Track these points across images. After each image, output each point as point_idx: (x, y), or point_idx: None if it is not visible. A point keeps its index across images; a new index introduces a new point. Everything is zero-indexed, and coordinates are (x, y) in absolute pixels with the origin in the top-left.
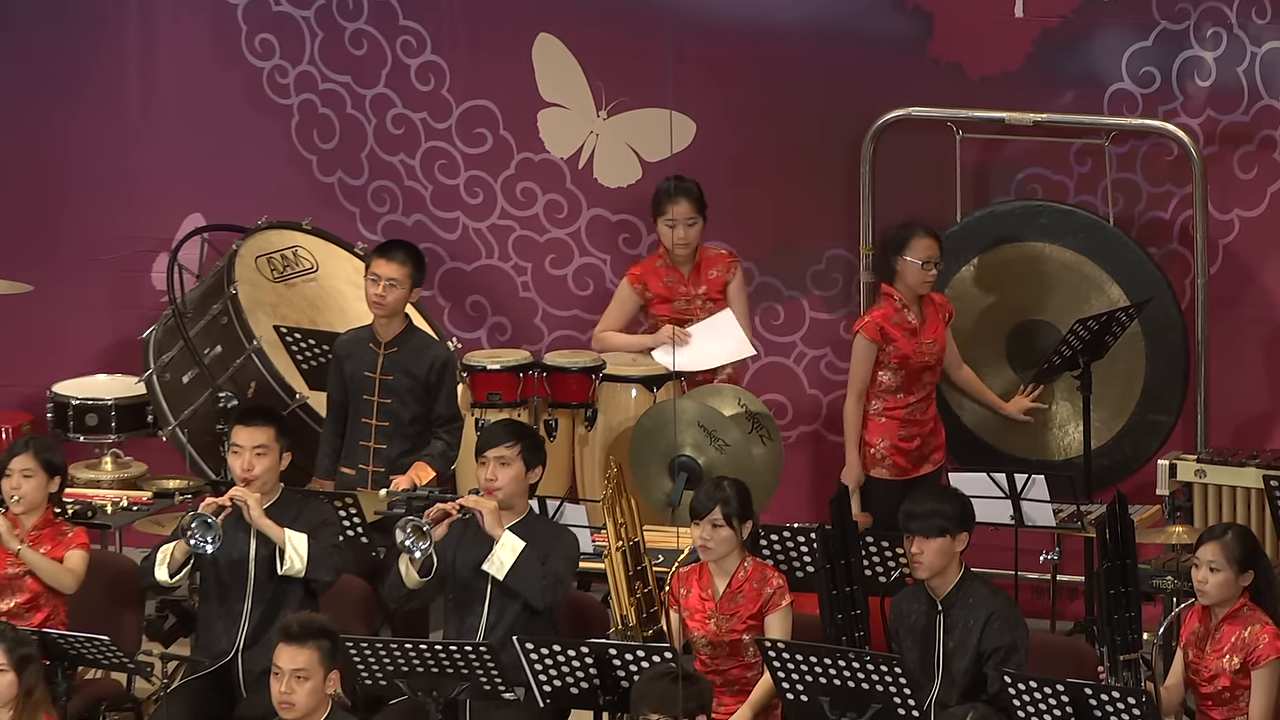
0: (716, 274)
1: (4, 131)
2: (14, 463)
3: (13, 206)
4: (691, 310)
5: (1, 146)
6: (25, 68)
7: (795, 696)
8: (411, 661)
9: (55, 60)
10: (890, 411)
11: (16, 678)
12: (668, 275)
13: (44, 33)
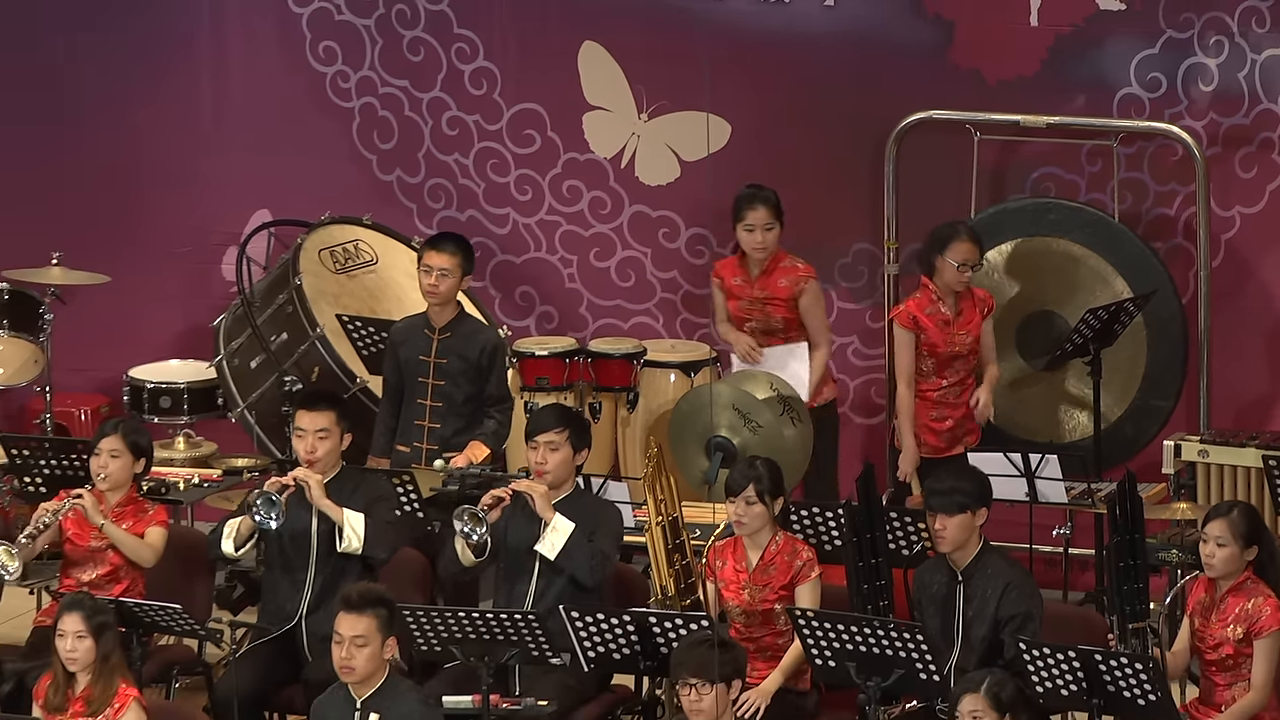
0: (785, 284)
1: (84, 133)
2: (103, 443)
3: (92, 203)
4: (751, 312)
5: (81, 147)
6: (105, 73)
7: (824, 662)
8: (464, 629)
9: (132, 66)
10: (923, 394)
11: (95, 644)
12: (739, 275)
13: (122, 41)
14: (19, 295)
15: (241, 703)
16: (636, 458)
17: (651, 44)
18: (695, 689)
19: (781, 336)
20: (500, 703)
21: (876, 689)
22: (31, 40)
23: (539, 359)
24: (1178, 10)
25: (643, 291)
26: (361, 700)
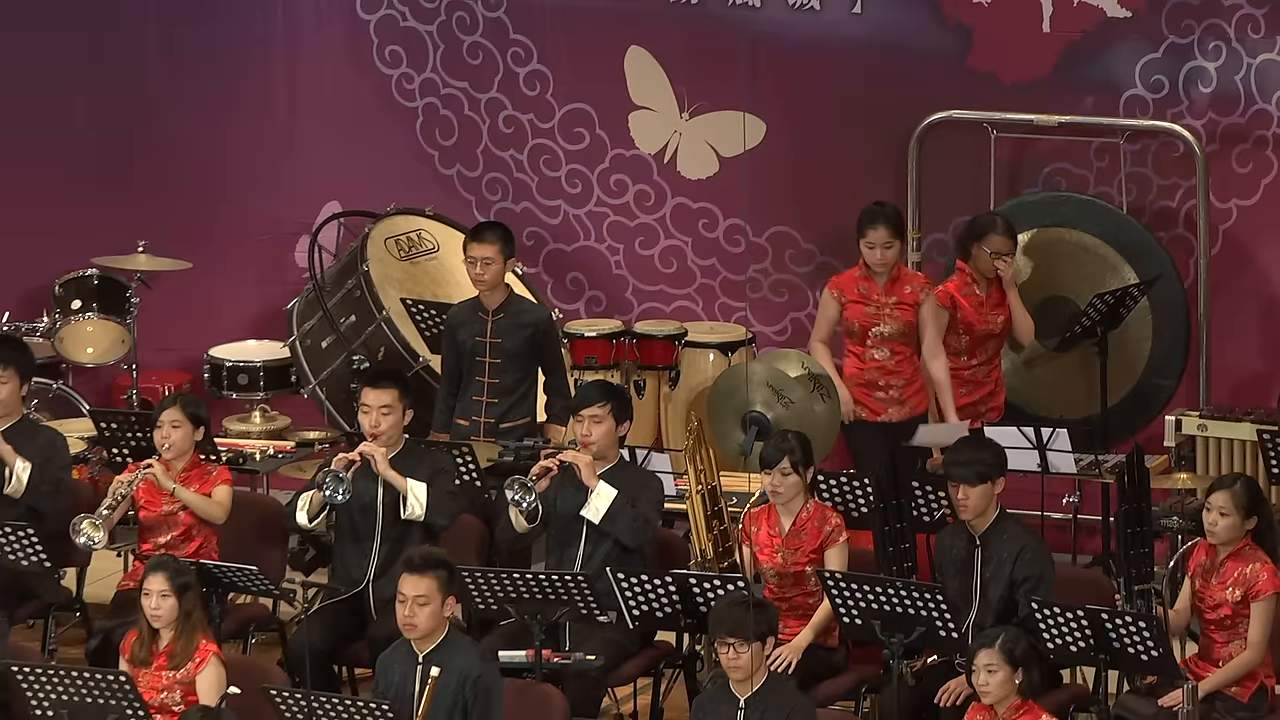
0: (911, 290)
1: (168, 131)
2: (164, 416)
3: (175, 194)
4: (880, 315)
5: (165, 144)
6: (187, 76)
7: (851, 620)
8: (518, 589)
9: (212, 69)
10: (954, 372)
11: (177, 602)
12: (863, 284)
13: (203, 46)
14: (108, 281)
15: (313, 658)
16: (678, 431)
17: (692, 48)
18: (732, 647)
19: (904, 343)
20: (551, 657)
21: (900, 645)
22: (121, 46)
23: (588, 340)
24: (1179, 18)
25: (684, 277)
26: (424, 655)
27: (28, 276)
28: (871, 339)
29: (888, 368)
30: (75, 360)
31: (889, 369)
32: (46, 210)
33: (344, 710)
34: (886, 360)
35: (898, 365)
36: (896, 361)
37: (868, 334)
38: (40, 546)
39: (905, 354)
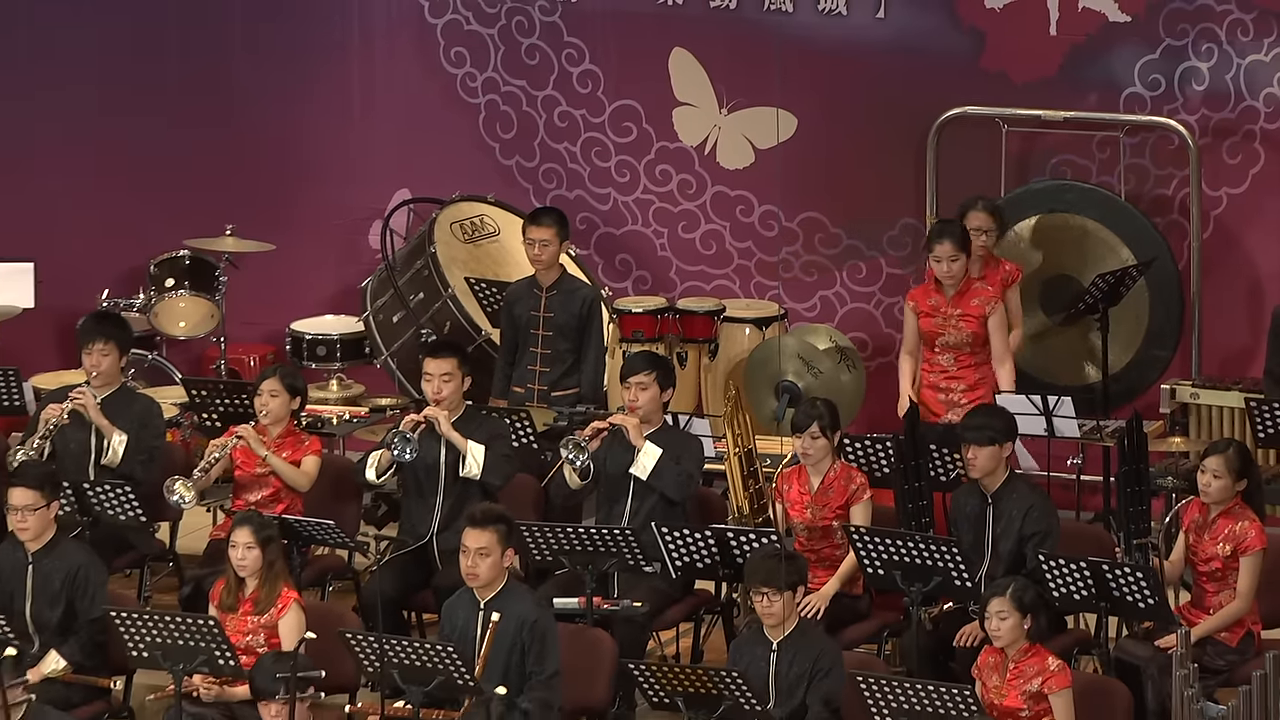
0: (978, 303)
1: (253, 124)
2: (264, 385)
3: (259, 183)
4: (946, 326)
5: (251, 136)
6: (270, 74)
7: (874, 570)
8: (571, 542)
9: (293, 68)
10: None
11: (262, 553)
12: (934, 297)
13: (285, 47)
14: (198, 261)
15: (384, 604)
16: (717, 398)
17: (730, 50)
18: (766, 595)
19: (969, 352)
20: (601, 604)
21: (919, 593)
22: (210, 45)
23: (635, 315)
24: (1175, 22)
25: (722, 259)
26: (485, 602)
27: (125, 257)
28: (938, 347)
29: (950, 373)
30: (168, 333)
31: (951, 374)
32: (142, 196)
33: (413, 652)
34: (950, 366)
35: (960, 371)
36: (960, 368)
37: (934, 342)
38: (136, 503)
39: (969, 362)
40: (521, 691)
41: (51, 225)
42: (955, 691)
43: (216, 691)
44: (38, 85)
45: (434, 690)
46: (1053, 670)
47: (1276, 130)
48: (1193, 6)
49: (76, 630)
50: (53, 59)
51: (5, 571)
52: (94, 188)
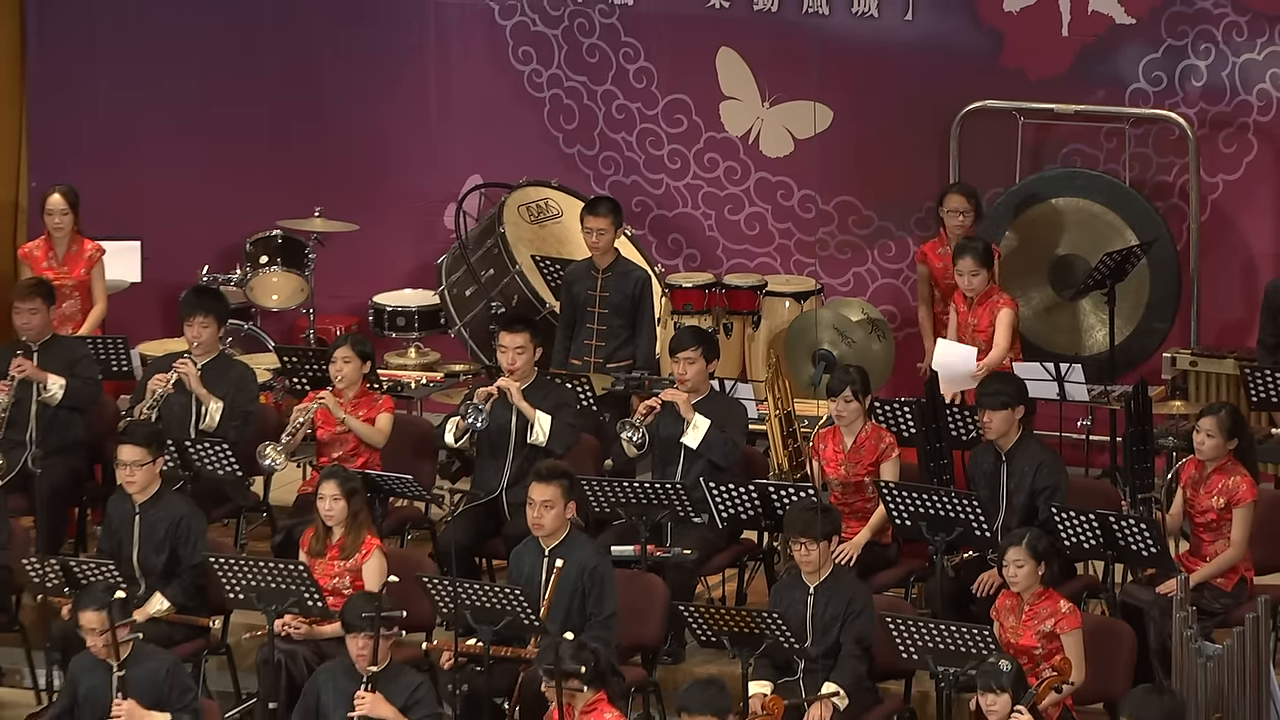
0: (990, 319)
1: (340, 116)
2: (337, 353)
3: (345, 168)
4: (972, 338)
5: (338, 126)
6: (355, 72)
7: (902, 521)
8: (628, 496)
9: (376, 66)
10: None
11: (347, 504)
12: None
13: (368, 47)
14: (290, 240)
15: (457, 551)
16: (759, 365)
17: (772, 49)
18: (804, 544)
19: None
20: (655, 551)
21: (942, 542)
22: (301, 48)
23: (685, 289)
24: (1175, 24)
25: (764, 238)
26: (549, 550)
27: (223, 236)
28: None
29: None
30: (262, 306)
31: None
32: (239, 181)
33: (484, 595)
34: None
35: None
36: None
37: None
38: (233, 459)
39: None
40: (582, 631)
41: (157, 207)
42: (975, 631)
43: (306, 630)
44: (146, 80)
45: (502, 629)
46: (1064, 612)
47: (1269, 122)
48: (1192, 9)
49: (179, 574)
50: (159, 55)
51: (115, 521)
52: (195, 173)
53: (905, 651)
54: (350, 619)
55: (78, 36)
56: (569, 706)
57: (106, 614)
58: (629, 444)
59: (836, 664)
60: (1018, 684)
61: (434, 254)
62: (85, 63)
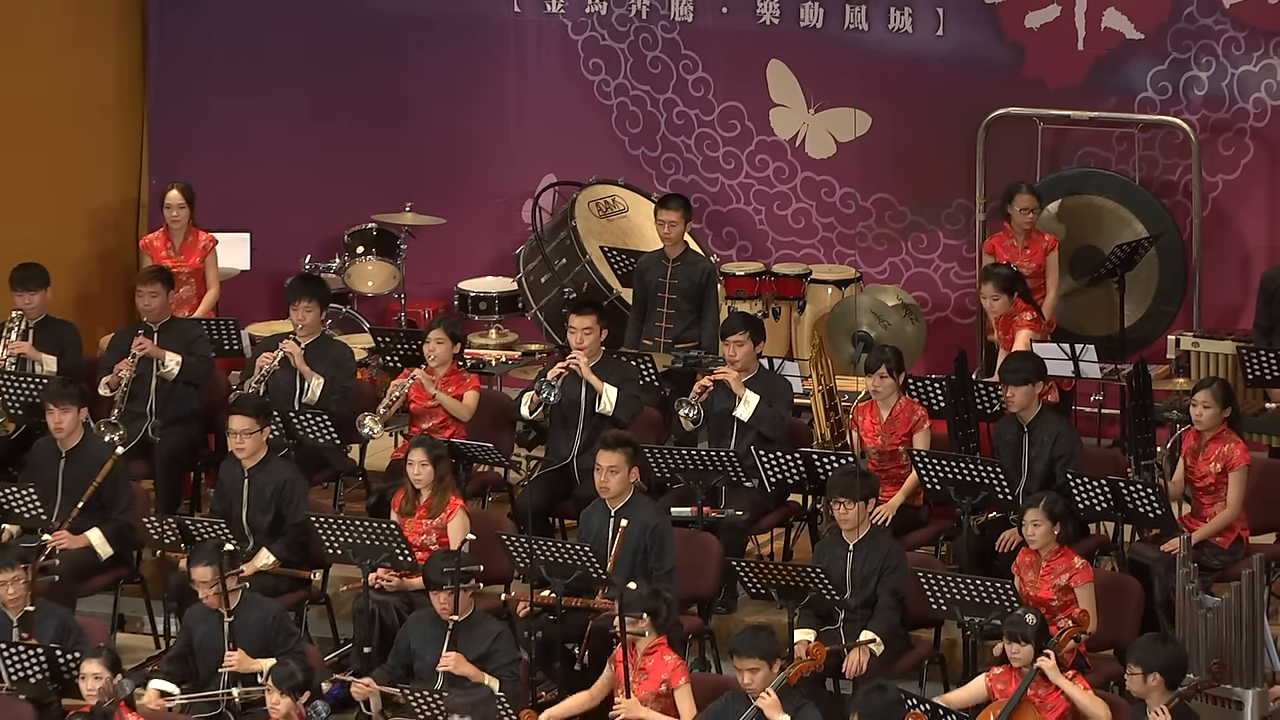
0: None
1: (428, 122)
2: (431, 334)
3: (433, 167)
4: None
5: (426, 130)
6: (442, 80)
7: (932, 486)
8: (686, 461)
9: (461, 75)
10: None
11: (433, 469)
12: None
13: (453, 58)
14: (384, 232)
15: (532, 512)
16: (804, 345)
17: (817, 61)
18: (844, 505)
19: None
20: (709, 512)
21: (969, 505)
22: (393, 63)
23: (738, 277)
24: (1180, 39)
25: (809, 231)
26: (615, 510)
27: (324, 229)
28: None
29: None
30: (359, 291)
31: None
32: (338, 179)
33: (556, 551)
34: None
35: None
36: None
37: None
38: (333, 428)
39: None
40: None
41: (264, 202)
42: (997, 584)
43: (396, 582)
44: (255, 89)
45: (573, 582)
46: (1078, 568)
47: (1264, 128)
48: (1194, 26)
49: (283, 532)
50: (267, 67)
51: (226, 484)
52: (299, 172)
53: (935, 603)
54: (432, 575)
55: (194, 51)
56: (633, 649)
57: (217, 568)
58: (685, 419)
59: (873, 614)
60: (1040, 635)
61: (512, 245)
62: (201, 74)
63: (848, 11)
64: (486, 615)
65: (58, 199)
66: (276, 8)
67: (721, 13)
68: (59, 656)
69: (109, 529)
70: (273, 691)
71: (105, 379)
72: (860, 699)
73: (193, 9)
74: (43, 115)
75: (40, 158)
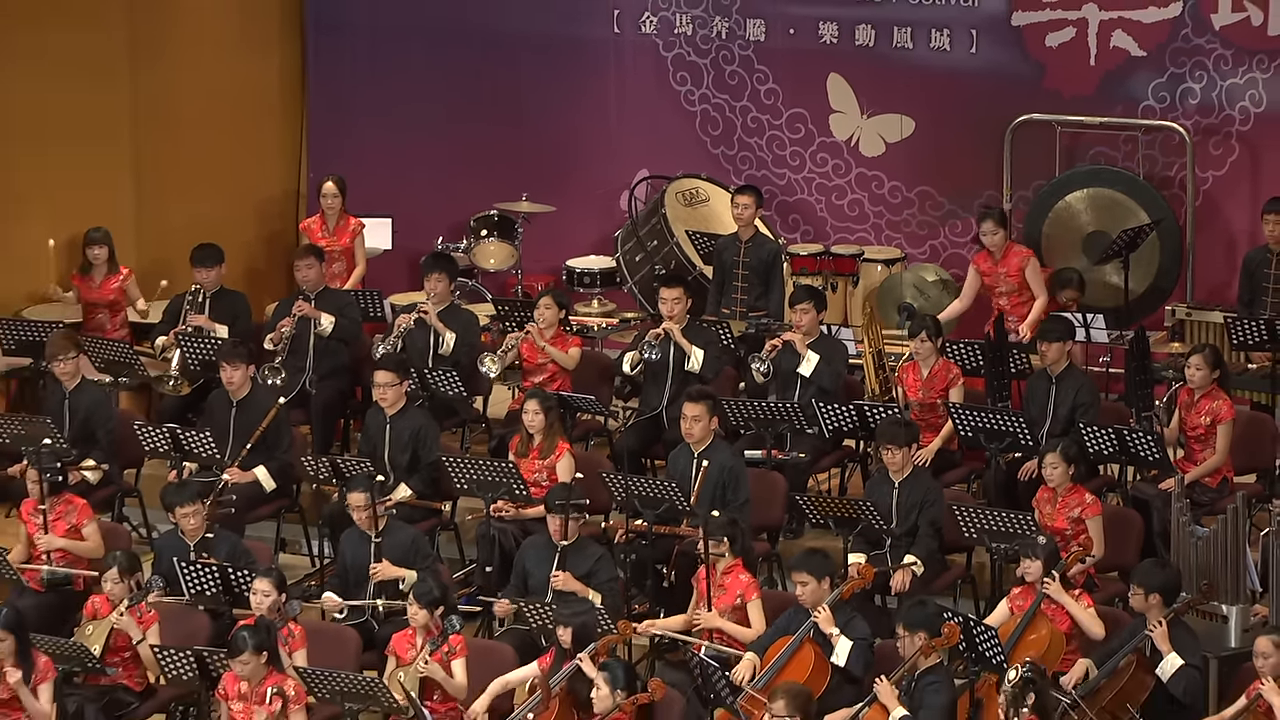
0: (1018, 263)
1: (539, 123)
2: (541, 301)
3: (545, 164)
4: (996, 283)
5: (540, 132)
6: (550, 88)
7: (965, 433)
8: (757, 412)
9: (567, 84)
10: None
11: (545, 417)
12: (987, 261)
13: (560, 70)
14: (504, 217)
15: (628, 454)
16: (858, 314)
17: (870, 74)
18: (890, 450)
19: (1018, 296)
20: (777, 454)
21: (996, 449)
22: (514, 73)
23: (802, 256)
24: (1177, 56)
25: (862, 219)
26: (698, 453)
27: (454, 215)
28: (997, 297)
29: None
30: (482, 267)
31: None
32: (465, 173)
33: (649, 487)
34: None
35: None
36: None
37: (996, 294)
38: (460, 382)
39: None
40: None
41: (404, 192)
42: (1020, 516)
43: (513, 512)
44: (397, 98)
45: (662, 513)
46: (1089, 503)
47: (1248, 131)
48: (1189, 45)
49: (419, 470)
50: (408, 78)
51: (371, 429)
52: (433, 167)
53: (967, 531)
54: (551, 503)
55: (346, 65)
56: (713, 569)
57: (369, 495)
58: (757, 373)
59: (915, 541)
60: (1051, 556)
61: (612, 228)
62: (351, 84)
63: (895, 33)
64: (590, 540)
65: (230, 189)
66: (416, 29)
67: (789, 34)
68: (231, 574)
69: (273, 466)
70: (413, 604)
71: (269, 334)
72: (904, 612)
73: (345, 29)
74: (219, 119)
75: (217, 155)
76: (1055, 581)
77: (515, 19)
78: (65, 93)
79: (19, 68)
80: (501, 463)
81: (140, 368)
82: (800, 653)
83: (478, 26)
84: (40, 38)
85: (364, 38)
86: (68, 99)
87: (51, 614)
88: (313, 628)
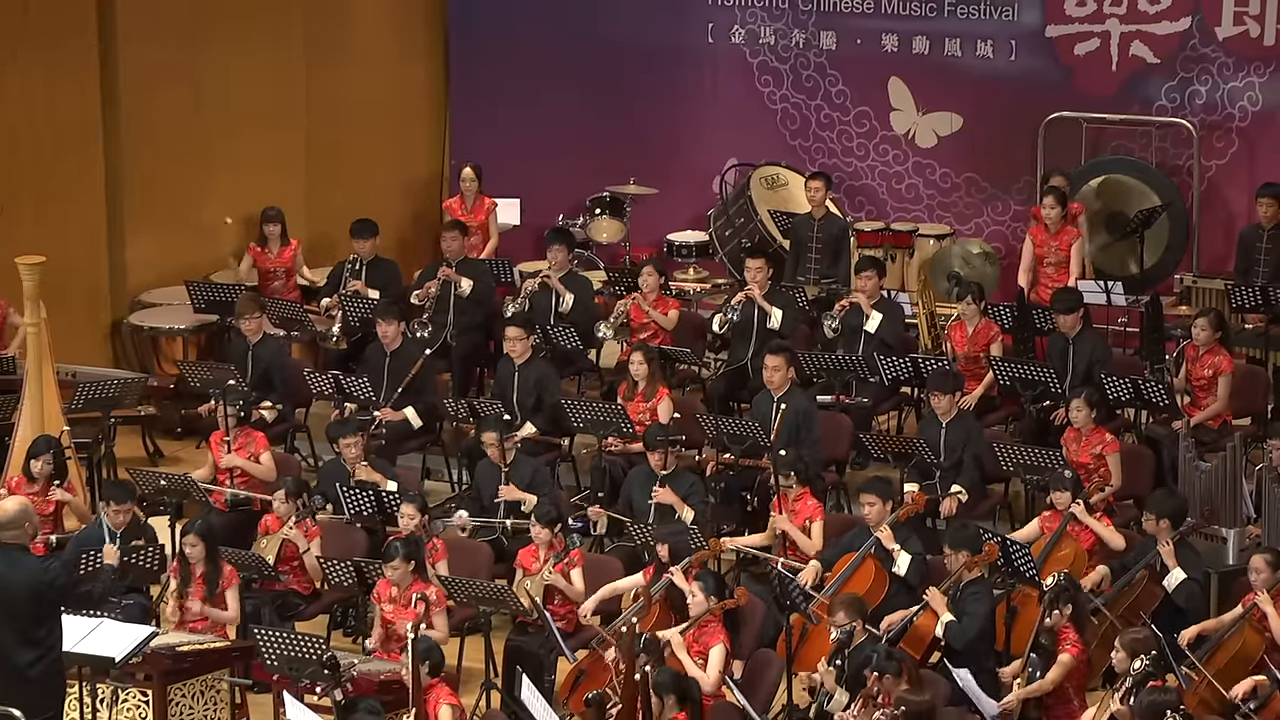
0: (1069, 240)
1: (647, 119)
2: (644, 269)
3: (649, 151)
4: (1046, 254)
5: (647, 125)
6: (652, 90)
7: (1004, 380)
8: (828, 364)
9: (672, 87)
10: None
11: (648, 366)
12: (1042, 234)
13: (659, 75)
14: (615, 198)
15: (718, 399)
16: (913, 280)
17: (924, 77)
18: (939, 396)
19: (1066, 268)
20: (843, 399)
21: (1030, 395)
22: (624, 74)
23: (866, 232)
24: (1186, 63)
25: (917, 200)
26: (777, 398)
27: (572, 196)
28: (1043, 269)
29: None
30: (596, 241)
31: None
32: (582, 160)
33: (735, 426)
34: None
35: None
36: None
37: (1044, 264)
38: (577, 337)
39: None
40: (798, 450)
41: (531, 176)
42: (1050, 452)
43: (621, 447)
44: (528, 96)
45: (746, 448)
46: (1108, 441)
47: (1246, 127)
48: (1197, 54)
49: (542, 410)
50: (538, 79)
51: (502, 376)
52: (558, 154)
53: (1004, 465)
54: (650, 440)
55: (483, 67)
56: (785, 496)
57: (499, 432)
58: (828, 329)
59: (960, 472)
60: (1075, 486)
61: (705, 207)
62: (487, 84)
63: (947, 43)
64: (685, 470)
65: (384, 173)
66: (545, 38)
67: (856, 43)
68: (384, 496)
69: (419, 407)
70: (536, 524)
71: (416, 293)
72: (951, 533)
73: (483, 36)
74: (376, 114)
75: (374, 144)
76: (1081, 506)
77: (626, 30)
78: (252, 88)
79: (215, 69)
80: (611, 405)
81: (309, 324)
82: (863, 566)
83: (595, 36)
84: (234, 43)
85: (500, 43)
86: (254, 94)
87: (235, 531)
88: (453, 543)
